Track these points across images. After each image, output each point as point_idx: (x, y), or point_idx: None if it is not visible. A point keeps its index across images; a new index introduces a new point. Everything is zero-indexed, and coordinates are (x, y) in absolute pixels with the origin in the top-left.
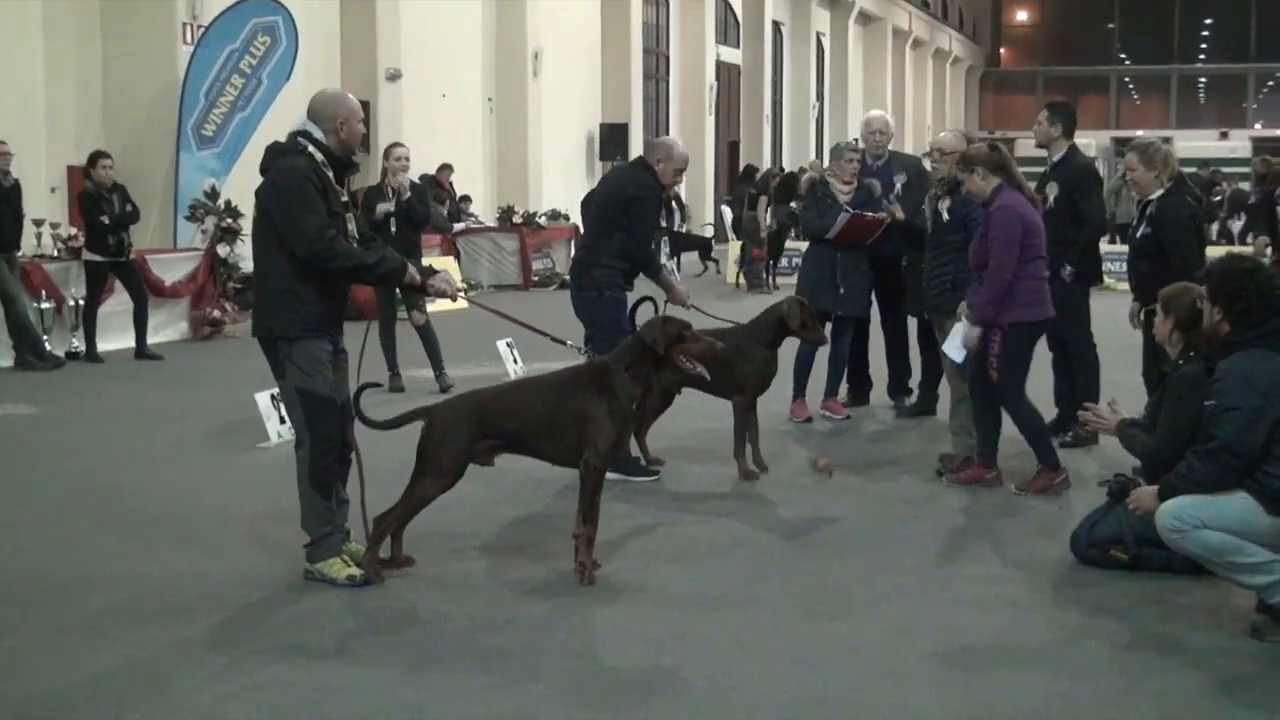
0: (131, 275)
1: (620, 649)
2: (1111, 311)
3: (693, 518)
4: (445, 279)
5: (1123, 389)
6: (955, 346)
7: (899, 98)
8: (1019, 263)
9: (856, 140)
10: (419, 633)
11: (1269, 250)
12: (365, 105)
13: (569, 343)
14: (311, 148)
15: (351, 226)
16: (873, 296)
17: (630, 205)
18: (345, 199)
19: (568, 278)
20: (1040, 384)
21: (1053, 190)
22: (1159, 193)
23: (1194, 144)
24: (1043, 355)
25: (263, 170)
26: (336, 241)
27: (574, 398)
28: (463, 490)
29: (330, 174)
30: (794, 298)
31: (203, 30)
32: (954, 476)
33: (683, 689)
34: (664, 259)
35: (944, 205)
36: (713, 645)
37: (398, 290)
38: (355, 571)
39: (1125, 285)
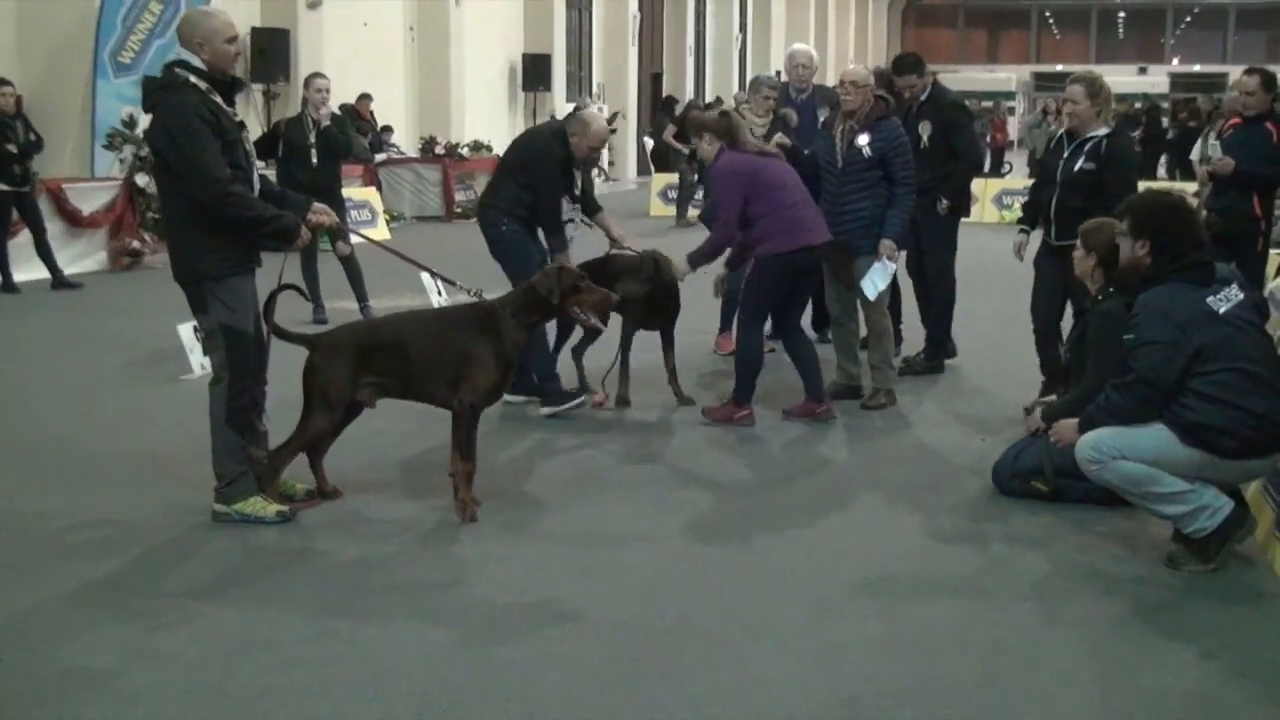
0: (30, 207)
1: (515, 581)
2: (987, 245)
3: (610, 450)
4: (322, 209)
5: (978, 316)
6: (872, 285)
7: (821, 31)
8: (758, 201)
9: (778, 74)
10: (325, 566)
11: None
12: (284, 34)
13: (458, 283)
14: (193, 77)
15: (249, 148)
16: None
17: (528, 165)
18: (239, 119)
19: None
20: (913, 313)
21: (925, 129)
22: (1105, 130)
23: (1114, 79)
24: (1009, 331)
25: (146, 108)
26: (234, 188)
27: (457, 336)
28: (362, 426)
29: (218, 98)
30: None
31: None
32: (706, 416)
33: (583, 620)
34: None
35: (863, 140)
36: (622, 577)
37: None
38: (283, 507)
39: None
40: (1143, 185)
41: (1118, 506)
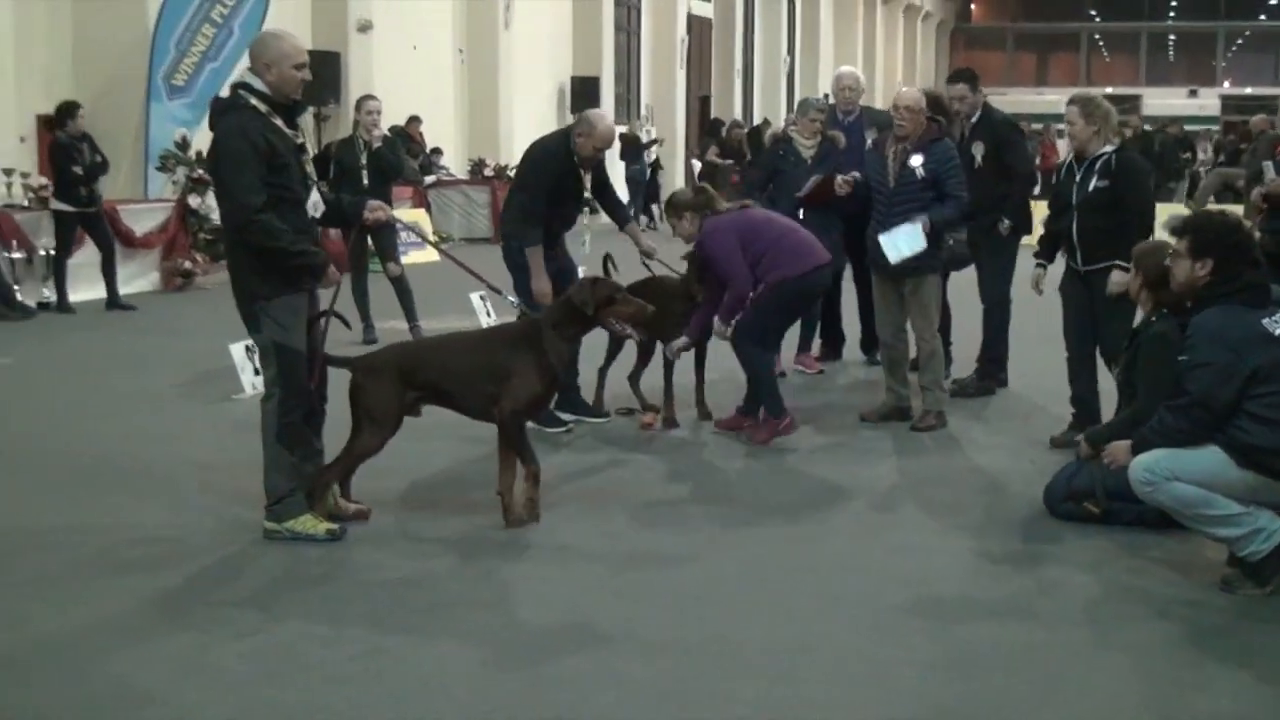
0: (99, 226)
1: (560, 600)
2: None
3: (654, 469)
4: (378, 205)
5: (1028, 339)
6: (894, 247)
7: (870, 53)
8: (763, 241)
9: (826, 96)
10: (372, 584)
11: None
12: (335, 57)
13: (509, 298)
14: (254, 100)
15: (309, 169)
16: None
17: (522, 162)
18: (300, 141)
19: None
20: (967, 333)
21: (979, 149)
22: (1110, 148)
23: (1163, 101)
24: (967, 308)
25: (210, 127)
26: (263, 219)
27: (500, 352)
28: (398, 444)
29: (278, 121)
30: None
31: None
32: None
33: (629, 640)
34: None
35: (917, 161)
36: (669, 596)
37: (369, 240)
38: (334, 525)
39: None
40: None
41: (1170, 529)
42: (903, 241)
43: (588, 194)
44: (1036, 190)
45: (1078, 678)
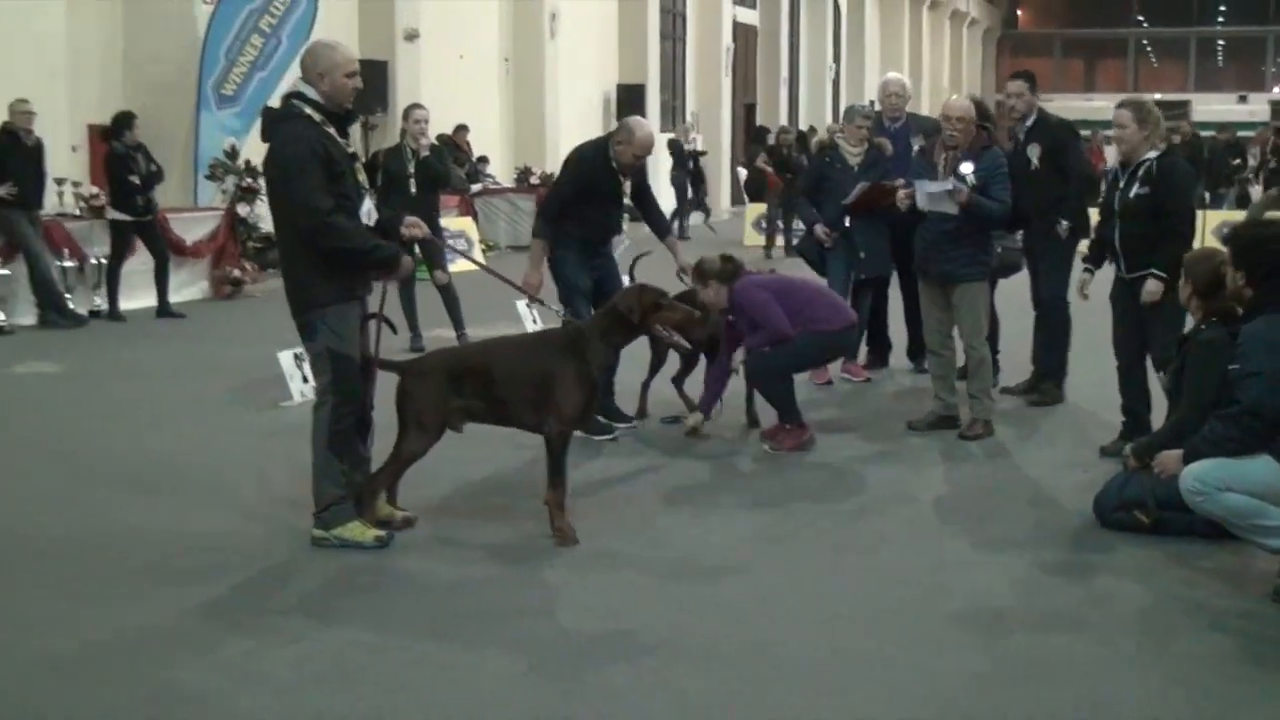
0: (154, 235)
1: (608, 608)
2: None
3: (700, 478)
4: (414, 222)
5: (1080, 346)
6: (923, 193)
7: (916, 60)
8: (799, 297)
9: (872, 103)
10: (421, 591)
11: None
12: (383, 66)
13: (553, 308)
14: (308, 109)
15: (362, 177)
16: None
17: (562, 166)
18: (352, 150)
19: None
20: (1015, 340)
21: (1035, 152)
22: (1155, 153)
23: (1213, 107)
24: (1015, 315)
25: (264, 138)
26: (335, 220)
27: (543, 358)
28: (438, 451)
29: (332, 130)
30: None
31: None
32: (774, 443)
33: (676, 648)
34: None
35: (967, 168)
36: (716, 605)
37: (416, 249)
38: (381, 532)
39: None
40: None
41: (1222, 540)
42: (933, 187)
43: (627, 200)
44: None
45: (1129, 689)
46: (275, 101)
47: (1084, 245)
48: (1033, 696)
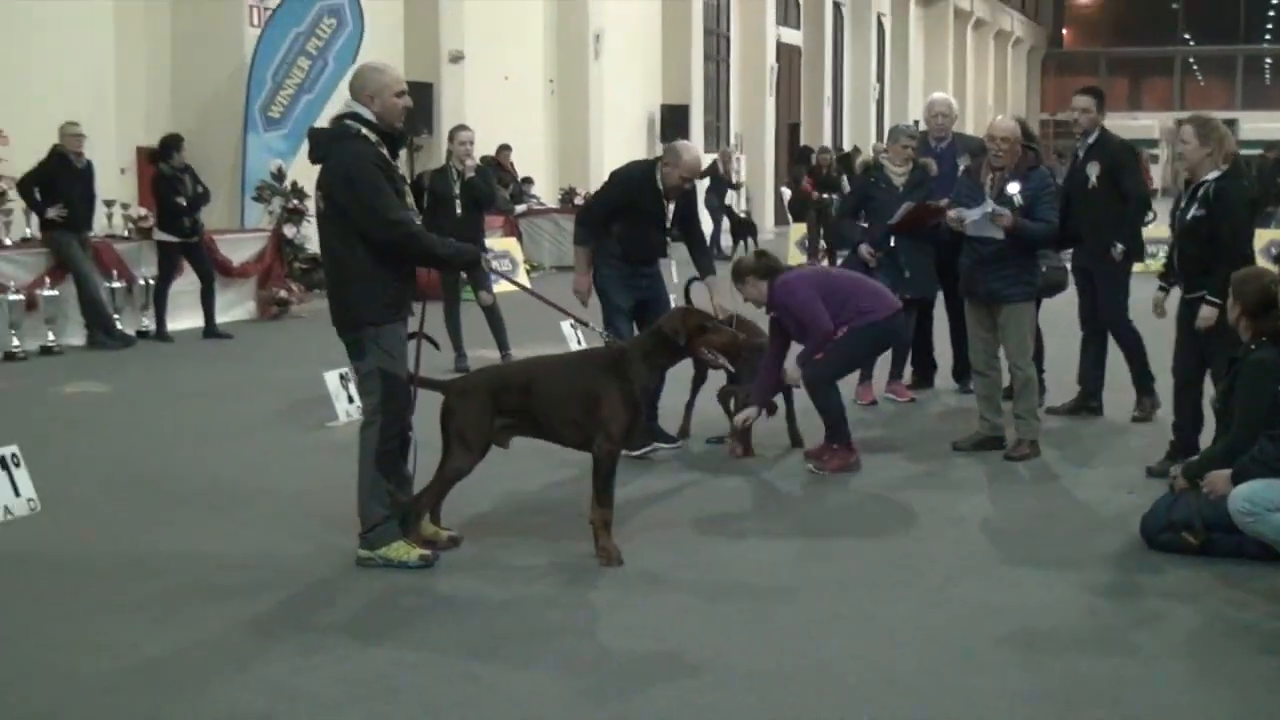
0: (200, 256)
1: (653, 629)
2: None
3: (746, 499)
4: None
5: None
6: (970, 220)
7: (960, 80)
8: (843, 290)
9: (916, 123)
10: (466, 610)
11: None
12: (428, 88)
13: (592, 325)
14: (364, 129)
15: (409, 201)
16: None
17: (607, 179)
18: (401, 173)
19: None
20: (1060, 360)
21: (1094, 170)
22: (1215, 174)
23: (1260, 125)
24: (1061, 334)
25: (315, 158)
26: (415, 228)
27: (586, 378)
28: (482, 470)
29: (385, 150)
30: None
31: (269, 13)
32: (819, 464)
33: (720, 671)
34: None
35: (1014, 188)
36: (760, 627)
37: (462, 272)
38: (426, 552)
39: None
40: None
41: (1271, 561)
42: (975, 213)
43: (669, 222)
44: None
45: (1178, 712)
46: (322, 123)
47: (1153, 264)
48: (1080, 719)
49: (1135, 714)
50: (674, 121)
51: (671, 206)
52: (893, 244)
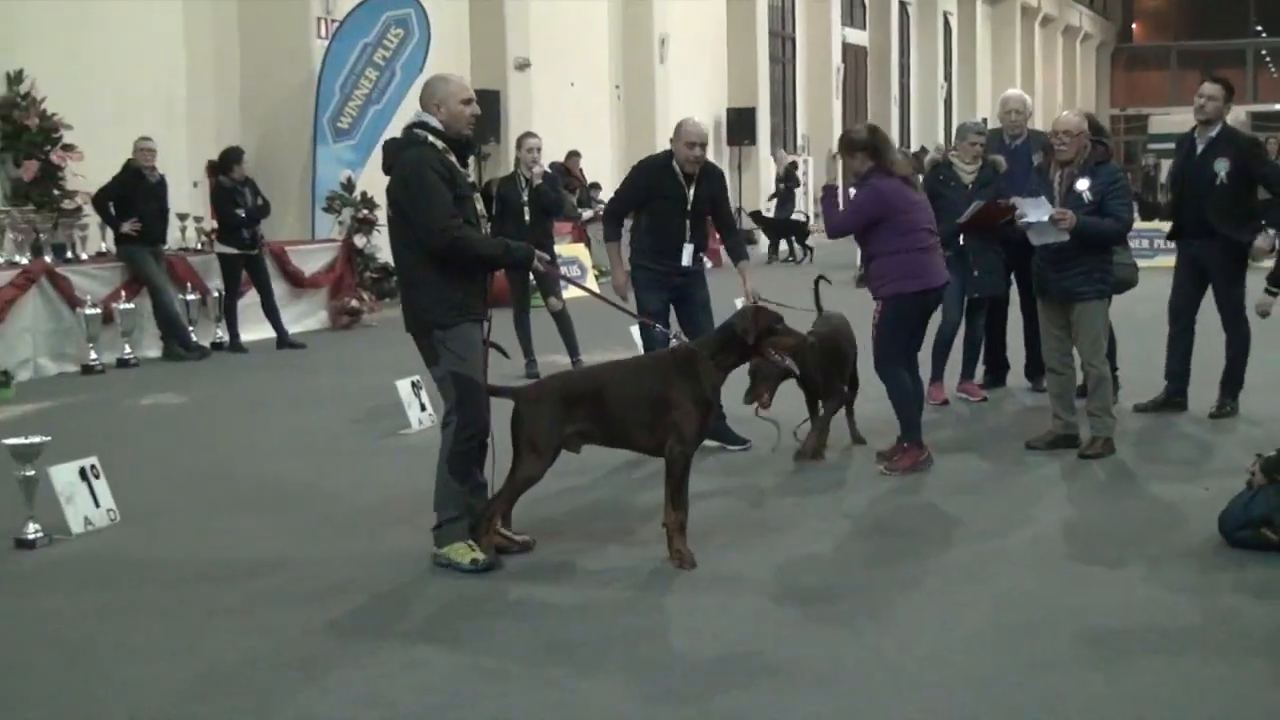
0: (260, 268)
1: (727, 632)
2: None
3: (815, 501)
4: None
5: (1207, 363)
6: (1029, 223)
7: (1028, 76)
8: (895, 236)
9: (984, 120)
10: (541, 615)
11: None
12: (495, 95)
13: (658, 327)
14: (431, 136)
15: (479, 206)
16: (1010, 277)
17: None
18: (471, 179)
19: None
20: (1132, 357)
21: (1223, 166)
22: None
23: None
24: (1135, 331)
25: (386, 169)
26: (463, 233)
27: (655, 381)
28: (554, 474)
29: (453, 158)
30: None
31: (337, 24)
32: (889, 464)
33: (796, 673)
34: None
35: (1083, 184)
36: (835, 628)
37: (532, 277)
38: (479, 556)
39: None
40: None
41: None
42: (1035, 214)
43: (690, 204)
44: None
45: (1259, 711)
46: (393, 133)
47: (1267, 262)
48: (1159, 718)
49: (1213, 714)
50: (740, 124)
51: (693, 191)
52: (962, 242)
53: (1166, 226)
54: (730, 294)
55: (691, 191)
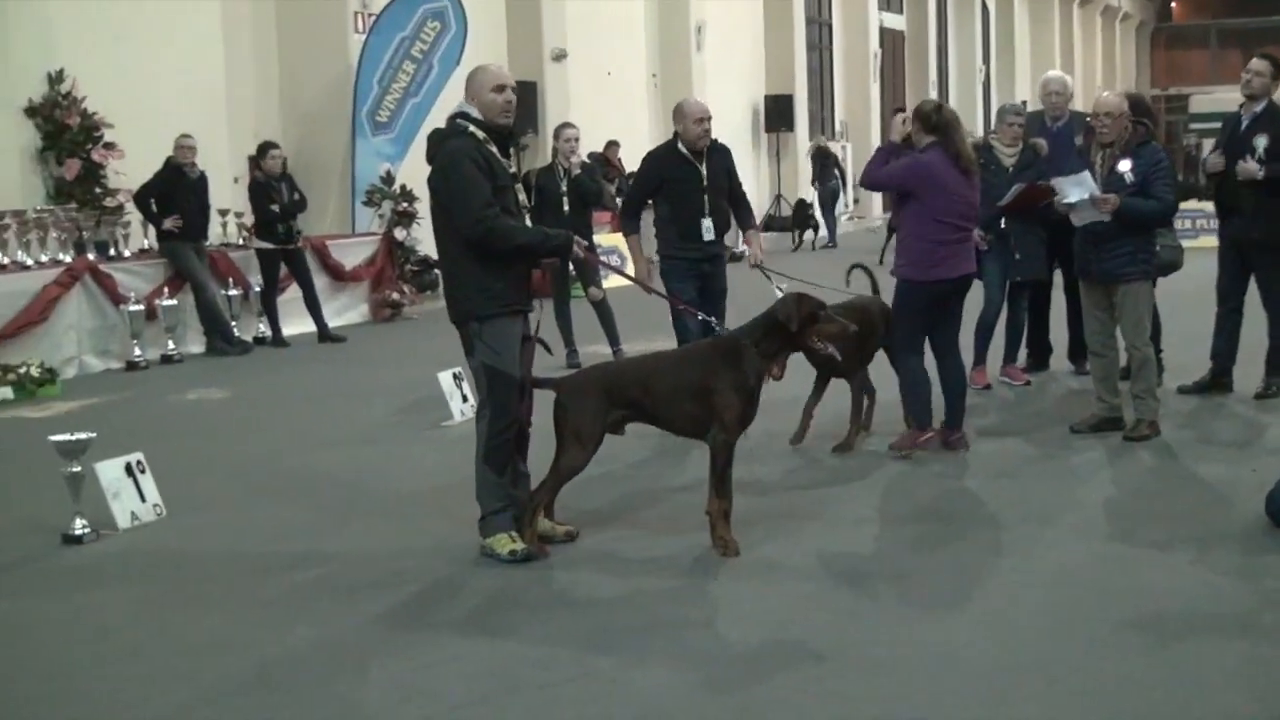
0: (299, 262)
1: (772, 619)
2: None
3: (858, 488)
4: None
5: (1251, 344)
6: (1069, 204)
7: (1067, 58)
8: (922, 220)
9: (1024, 103)
10: (586, 604)
11: None
12: (532, 86)
13: (701, 315)
14: (471, 126)
15: (522, 197)
16: (1052, 260)
17: None
18: (513, 170)
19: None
20: (1176, 338)
21: (1261, 142)
22: None
23: None
24: (1180, 312)
25: (429, 159)
26: (499, 221)
27: (700, 370)
28: (597, 464)
29: (493, 148)
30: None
31: (374, 19)
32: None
33: (842, 659)
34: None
35: (1125, 166)
36: (880, 615)
37: (572, 268)
38: (519, 546)
39: None
40: None
41: None
42: (1075, 191)
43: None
44: None
45: None
46: (431, 126)
47: None
48: (1206, 704)
49: (1263, 697)
50: (778, 111)
51: (705, 167)
52: (1003, 225)
53: (1208, 206)
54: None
55: (704, 168)
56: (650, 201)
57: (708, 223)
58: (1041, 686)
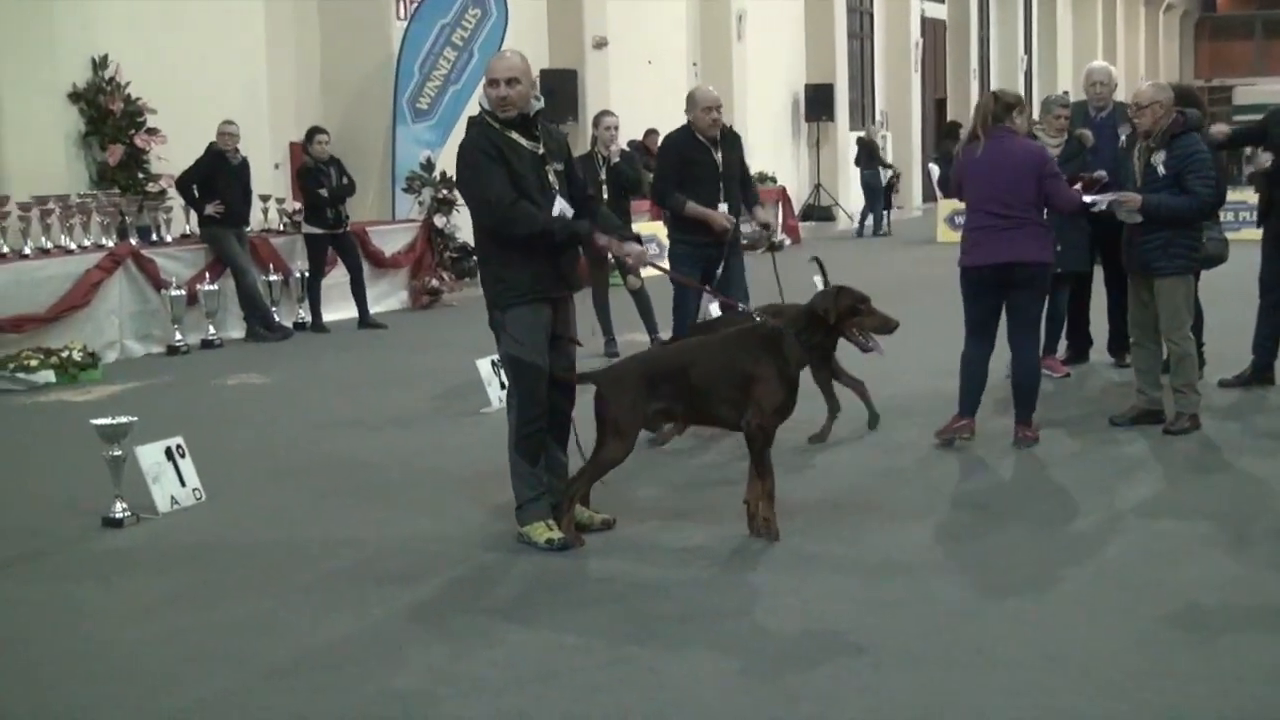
0: (349, 247)
1: (808, 610)
2: None
3: (898, 480)
4: (637, 253)
5: None
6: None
7: (1110, 48)
8: (967, 209)
9: (1066, 93)
10: (621, 593)
11: None
12: (572, 74)
13: (740, 307)
14: (488, 117)
15: (550, 178)
16: (1094, 252)
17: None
18: (541, 152)
19: (776, 239)
20: (1218, 330)
21: None
22: None
23: None
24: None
25: None
26: (513, 209)
27: (740, 358)
28: (637, 452)
29: (514, 134)
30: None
31: (415, 5)
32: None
33: (878, 651)
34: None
35: (1159, 158)
36: (917, 606)
37: (611, 257)
38: (555, 535)
39: None
40: None
41: None
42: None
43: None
44: None
45: None
46: (472, 113)
47: None
48: (1246, 700)
49: None
50: (818, 100)
51: (719, 154)
52: (1044, 215)
53: (1251, 197)
54: (803, 272)
55: (719, 155)
56: None
57: (723, 208)
58: (1077, 680)
